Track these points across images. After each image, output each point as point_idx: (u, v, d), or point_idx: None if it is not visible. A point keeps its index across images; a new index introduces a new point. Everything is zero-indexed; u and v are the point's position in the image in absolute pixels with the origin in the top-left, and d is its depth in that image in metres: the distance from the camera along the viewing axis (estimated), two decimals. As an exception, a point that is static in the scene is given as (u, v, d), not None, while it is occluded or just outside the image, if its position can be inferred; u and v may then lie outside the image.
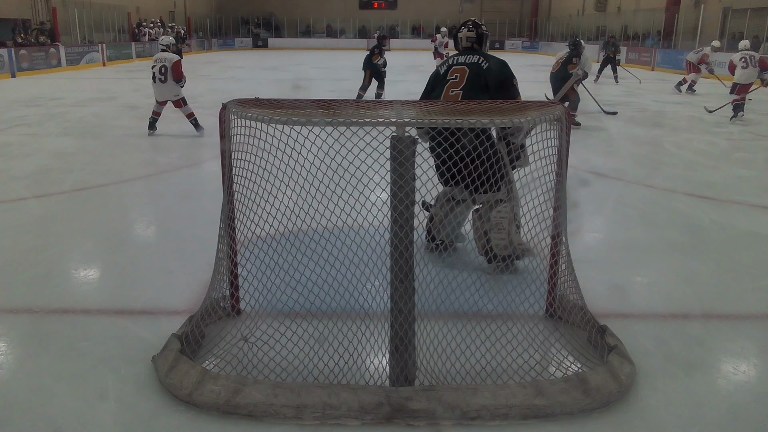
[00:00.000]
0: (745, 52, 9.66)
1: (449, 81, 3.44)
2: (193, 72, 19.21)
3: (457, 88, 3.40)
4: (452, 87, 3.42)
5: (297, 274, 2.63)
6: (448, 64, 3.51)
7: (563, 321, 2.83)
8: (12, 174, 5.80)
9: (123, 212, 4.84)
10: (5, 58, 16.63)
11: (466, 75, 3.41)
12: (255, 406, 2.17)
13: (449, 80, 3.44)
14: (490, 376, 2.41)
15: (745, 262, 3.80)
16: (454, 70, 3.46)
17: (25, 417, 2.21)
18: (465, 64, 3.45)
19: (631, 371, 2.39)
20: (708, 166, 6.51)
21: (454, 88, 3.41)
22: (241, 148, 2.52)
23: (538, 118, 2.42)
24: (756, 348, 2.82)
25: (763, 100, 11.18)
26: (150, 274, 3.57)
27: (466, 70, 3.42)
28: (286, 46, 37.60)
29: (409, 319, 2.29)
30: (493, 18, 37.13)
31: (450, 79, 3.44)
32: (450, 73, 3.46)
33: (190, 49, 18.13)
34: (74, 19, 22.67)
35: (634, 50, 24.85)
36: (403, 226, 2.22)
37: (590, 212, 4.63)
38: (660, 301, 3.27)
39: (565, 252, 2.78)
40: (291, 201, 2.47)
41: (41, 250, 3.86)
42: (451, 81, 3.44)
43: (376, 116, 2.31)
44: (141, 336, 2.78)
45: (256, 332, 2.61)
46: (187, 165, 6.50)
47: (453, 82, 3.43)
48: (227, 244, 2.71)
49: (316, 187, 2.37)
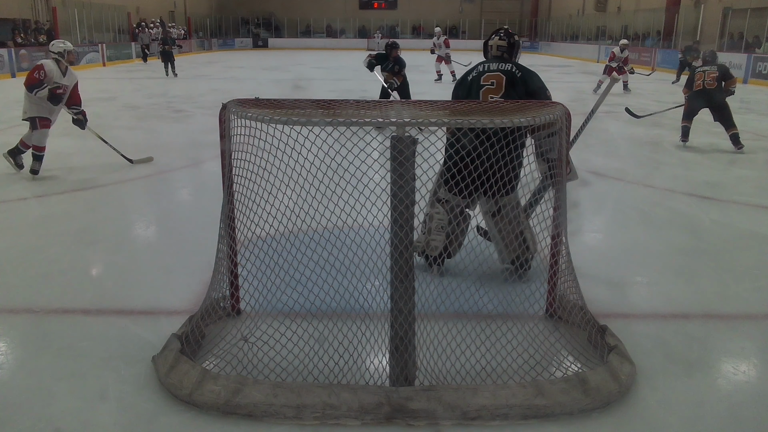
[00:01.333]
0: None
1: (484, 87, 3.27)
2: (194, 72, 19.23)
3: (496, 94, 3.24)
4: (490, 93, 3.25)
5: (297, 274, 2.63)
6: (479, 70, 3.34)
7: (563, 321, 2.83)
8: (12, 174, 5.80)
9: (123, 212, 4.84)
10: (5, 58, 16.63)
11: (503, 82, 3.24)
12: (255, 406, 2.17)
13: (484, 86, 3.27)
14: (490, 376, 2.41)
15: (745, 262, 3.80)
16: (489, 76, 3.28)
17: (25, 417, 2.21)
18: (499, 71, 3.28)
19: (631, 371, 2.39)
20: (708, 166, 6.51)
21: (493, 94, 3.24)
22: (241, 148, 2.52)
23: (540, 118, 2.42)
24: (756, 348, 2.82)
25: (763, 101, 11.17)
26: (150, 274, 3.57)
27: (502, 77, 3.26)
28: (286, 46, 37.60)
29: (409, 319, 2.28)
30: (493, 18, 37.10)
31: (485, 85, 3.27)
32: (484, 78, 3.29)
33: (180, 50, 18.12)
34: (74, 19, 22.66)
35: (634, 50, 24.80)
36: (403, 226, 2.22)
37: (590, 212, 4.63)
38: (660, 301, 3.27)
39: (565, 252, 2.78)
40: (291, 201, 2.47)
41: (41, 250, 3.86)
42: (487, 87, 3.26)
43: (376, 116, 2.31)
44: (141, 336, 2.78)
45: (256, 332, 2.61)
46: (187, 165, 6.49)
47: (490, 88, 3.26)
48: (227, 244, 2.71)
49: (316, 187, 2.37)
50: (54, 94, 5.50)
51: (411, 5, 38.98)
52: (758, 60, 16.96)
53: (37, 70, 5.44)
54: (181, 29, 30.11)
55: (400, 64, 8.77)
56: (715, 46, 19.42)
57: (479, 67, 3.36)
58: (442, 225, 3.27)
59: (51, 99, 5.50)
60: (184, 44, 28.92)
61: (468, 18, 38.64)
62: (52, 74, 5.48)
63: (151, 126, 8.92)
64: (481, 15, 38.41)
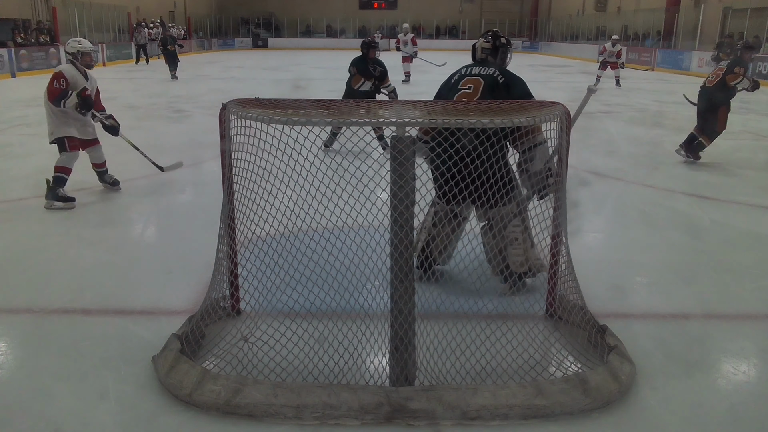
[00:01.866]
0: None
1: (461, 91, 3.17)
2: (194, 72, 19.22)
3: (471, 99, 3.12)
4: (464, 98, 3.14)
5: (297, 274, 2.63)
6: (461, 73, 3.25)
7: (563, 321, 2.82)
8: (12, 174, 5.80)
9: (123, 212, 4.84)
10: (5, 58, 16.63)
11: (480, 87, 3.13)
12: (255, 406, 2.17)
13: (461, 90, 3.17)
14: (490, 376, 2.41)
15: (745, 262, 3.80)
16: (468, 80, 3.18)
17: (25, 417, 2.21)
18: (480, 75, 3.17)
19: (631, 371, 2.39)
20: (708, 166, 6.50)
21: (466, 98, 3.13)
22: (241, 148, 2.52)
23: (539, 118, 2.42)
24: (756, 348, 2.82)
25: (763, 100, 11.17)
26: (150, 274, 3.57)
27: (480, 82, 3.14)
28: (286, 46, 37.58)
29: (409, 319, 2.28)
30: (493, 18, 37.10)
31: (462, 89, 3.17)
32: (463, 83, 3.19)
33: (181, 49, 18.04)
34: (74, 19, 22.65)
35: (634, 50, 24.85)
36: (403, 226, 2.22)
37: (590, 212, 4.63)
38: (660, 301, 3.27)
39: (565, 252, 2.78)
40: (291, 201, 2.47)
41: (41, 250, 3.86)
42: (463, 91, 3.16)
43: (376, 116, 2.31)
44: (141, 336, 2.78)
45: (256, 332, 2.61)
46: (187, 165, 6.49)
47: (465, 92, 3.16)
48: (227, 244, 2.71)
49: (316, 187, 2.37)
50: (84, 98, 4.73)
51: (411, 5, 38.95)
52: (758, 60, 16.95)
53: (56, 79, 4.65)
54: (181, 29, 30.09)
55: (381, 72, 6.79)
56: (715, 46, 19.41)
57: (462, 70, 3.28)
58: (425, 225, 3.21)
59: (83, 106, 4.72)
60: (185, 44, 28.90)
61: (468, 18, 38.63)
62: (75, 79, 4.73)
63: (151, 126, 8.91)
64: (481, 15, 38.39)
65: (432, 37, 37.78)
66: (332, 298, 2.69)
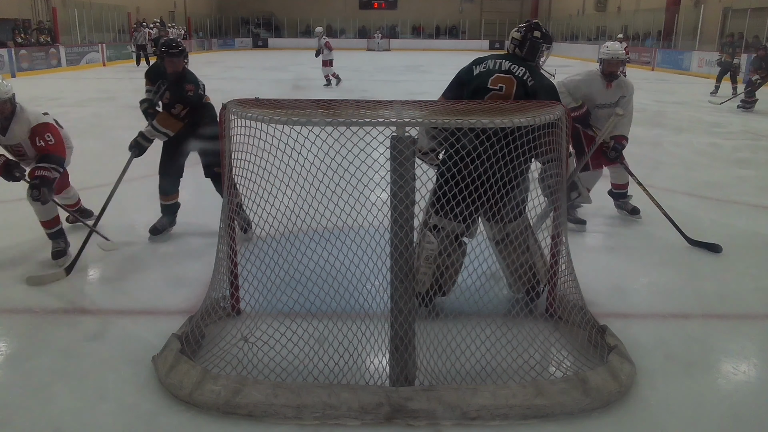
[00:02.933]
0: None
1: (492, 91, 2.81)
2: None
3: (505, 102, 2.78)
4: (498, 100, 2.79)
5: (297, 274, 2.63)
6: (489, 67, 2.84)
7: (563, 321, 2.82)
8: (12, 174, 5.79)
9: (123, 212, 4.84)
10: (5, 58, 16.63)
11: (514, 87, 2.78)
12: (255, 406, 2.17)
13: (491, 90, 2.81)
14: (490, 376, 2.41)
15: (745, 262, 3.80)
16: (498, 78, 2.81)
17: (25, 417, 2.21)
18: (511, 73, 2.80)
19: (631, 371, 2.39)
20: (708, 166, 6.50)
21: (502, 101, 2.78)
22: (241, 148, 2.52)
23: (538, 119, 2.41)
24: (756, 348, 2.82)
25: (763, 101, 11.17)
26: (150, 274, 3.57)
27: (513, 81, 2.78)
28: (286, 46, 37.55)
29: (409, 319, 2.28)
30: (493, 18, 37.12)
31: (493, 89, 2.81)
32: (493, 80, 2.81)
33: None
34: (74, 19, 22.65)
35: (634, 50, 24.83)
36: (403, 226, 2.22)
37: (590, 212, 4.62)
38: (660, 301, 3.27)
39: (565, 252, 2.78)
40: (291, 201, 2.47)
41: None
42: (494, 92, 2.81)
43: (376, 116, 2.31)
44: (141, 336, 2.78)
45: (256, 332, 2.61)
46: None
47: (497, 94, 2.80)
48: (227, 244, 2.71)
49: (316, 187, 2.37)
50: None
51: (411, 5, 38.95)
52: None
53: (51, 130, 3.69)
54: (181, 29, 30.09)
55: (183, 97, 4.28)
56: (715, 46, 19.40)
57: (489, 62, 2.87)
58: (432, 256, 2.78)
59: (6, 178, 3.61)
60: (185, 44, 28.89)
61: (468, 18, 38.63)
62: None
63: (151, 126, 8.92)
64: (481, 15, 38.39)
65: (432, 37, 37.81)
66: (332, 298, 2.68)
